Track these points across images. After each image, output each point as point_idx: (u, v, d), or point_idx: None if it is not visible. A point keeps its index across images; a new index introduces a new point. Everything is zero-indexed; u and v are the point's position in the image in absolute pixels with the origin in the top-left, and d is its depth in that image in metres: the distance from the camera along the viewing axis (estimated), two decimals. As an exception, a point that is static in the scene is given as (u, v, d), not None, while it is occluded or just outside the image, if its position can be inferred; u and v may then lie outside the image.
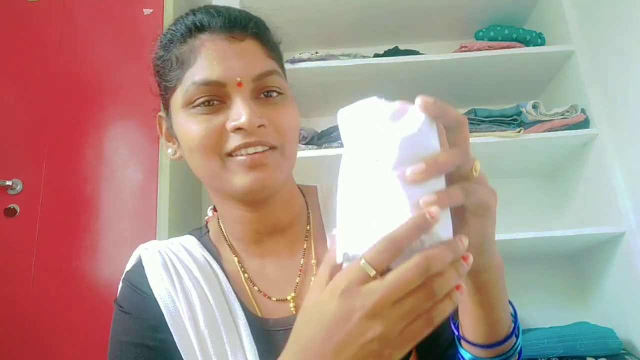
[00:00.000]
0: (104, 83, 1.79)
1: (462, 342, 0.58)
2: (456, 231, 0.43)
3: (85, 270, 1.58)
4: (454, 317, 0.60)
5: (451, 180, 0.45)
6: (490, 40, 1.91)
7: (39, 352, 1.49)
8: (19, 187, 1.64)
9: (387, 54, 1.90)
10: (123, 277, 0.69)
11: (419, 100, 0.43)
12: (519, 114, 1.76)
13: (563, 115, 1.74)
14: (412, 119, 0.43)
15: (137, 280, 0.66)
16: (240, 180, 0.60)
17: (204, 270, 0.66)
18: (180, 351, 0.60)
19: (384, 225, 0.41)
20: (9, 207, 1.62)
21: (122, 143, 1.72)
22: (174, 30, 0.65)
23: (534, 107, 1.76)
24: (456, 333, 0.59)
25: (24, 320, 1.51)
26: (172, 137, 0.68)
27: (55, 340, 1.50)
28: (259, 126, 0.59)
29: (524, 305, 1.84)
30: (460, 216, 0.46)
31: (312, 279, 0.67)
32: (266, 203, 0.65)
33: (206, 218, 0.78)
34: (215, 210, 0.80)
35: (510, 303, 0.58)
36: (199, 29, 0.62)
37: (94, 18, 1.86)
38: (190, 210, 1.92)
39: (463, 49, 1.85)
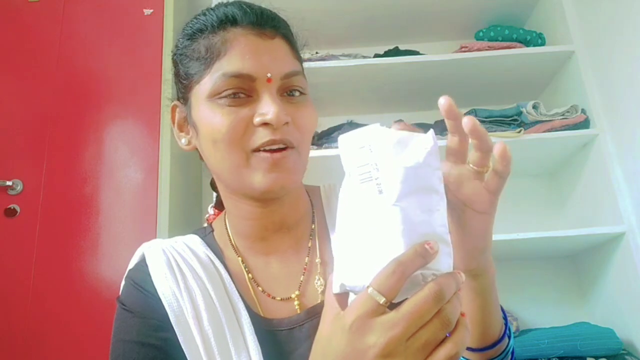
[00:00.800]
0: (103, 83, 1.79)
1: None
2: (458, 231, 0.43)
3: (85, 270, 1.58)
4: None
5: (463, 175, 0.48)
6: (490, 40, 1.91)
7: (39, 352, 1.49)
8: (19, 187, 1.64)
9: (387, 54, 1.91)
10: (126, 274, 0.69)
11: (442, 100, 0.45)
12: (519, 114, 1.76)
13: (563, 115, 1.74)
14: (417, 148, 0.42)
15: (141, 279, 0.66)
16: (261, 179, 0.60)
17: (207, 270, 0.66)
18: (184, 350, 0.60)
19: (382, 257, 0.40)
20: (9, 207, 1.62)
21: (122, 143, 1.73)
22: (204, 20, 0.64)
23: (534, 107, 1.76)
24: None
25: (24, 320, 1.52)
26: (186, 126, 0.68)
27: (55, 340, 1.50)
28: (284, 123, 0.60)
29: (524, 305, 1.84)
30: (462, 216, 0.47)
31: (317, 276, 0.67)
32: (276, 200, 0.65)
33: (206, 216, 0.78)
34: (216, 208, 0.79)
35: (502, 308, 0.59)
36: (231, 21, 0.63)
37: (94, 18, 1.86)
38: (190, 210, 1.92)
39: (463, 49, 1.85)
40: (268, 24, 0.64)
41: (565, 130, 1.72)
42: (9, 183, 1.63)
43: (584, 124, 1.73)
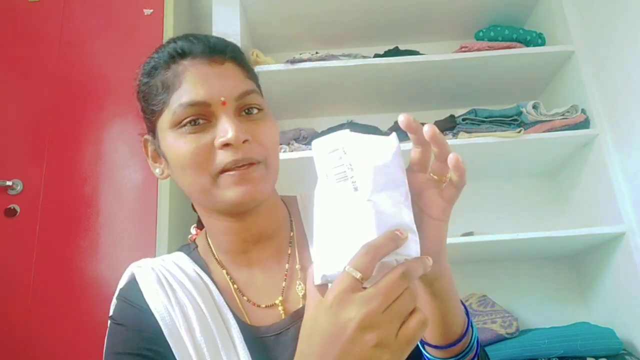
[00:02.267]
0: (103, 83, 1.79)
1: (424, 345, 0.62)
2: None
3: (85, 270, 1.58)
4: None
5: (423, 184, 0.53)
6: (490, 40, 1.91)
7: (39, 352, 1.49)
8: (19, 187, 1.64)
9: (387, 54, 1.90)
10: (116, 294, 0.71)
11: (402, 117, 0.49)
12: (519, 114, 1.76)
13: (563, 115, 1.74)
14: (384, 149, 0.48)
15: (133, 295, 0.68)
16: (231, 194, 0.63)
17: (196, 284, 0.69)
18: None
19: (359, 246, 0.45)
20: (9, 207, 1.62)
21: (121, 143, 1.73)
22: (157, 58, 0.69)
23: (534, 107, 1.76)
24: None
25: (24, 320, 1.52)
26: (158, 157, 0.72)
27: (55, 340, 1.50)
28: (244, 141, 0.63)
29: (524, 305, 1.84)
30: (418, 221, 0.51)
31: (298, 282, 0.70)
32: (251, 213, 0.68)
33: (189, 236, 0.80)
34: (198, 227, 0.82)
35: (462, 303, 0.62)
36: (181, 55, 0.66)
37: (94, 18, 1.86)
38: (190, 210, 1.91)
39: (463, 49, 1.85)
40: (216, 52, 0.67)
41: (565, 130, 1.72)
42: (9, 183, 1.63)
43: (584, 124, 1.73)
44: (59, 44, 1.81)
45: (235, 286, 0.71)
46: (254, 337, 0.66)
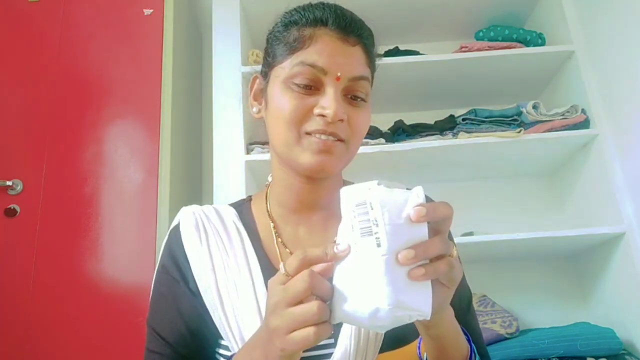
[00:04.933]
0: (103, 83, 1.79)
1: None
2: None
3: (86, 270, 1.58)
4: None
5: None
6: (490, 40, 1.91)
7: (39, 352, 1.49)
8: (19, 187, 1.64)
9: (387, 54, 1.91)
10: (168, 233, 0.83)
11: (416, 204, 0.49)
12: (519, 114, 1.76)
13: (563, 115, 1.74)
14: (408, 205, 0.49)
15: (174, 235, 0.80)
16: (307, 158, 0.69)
17: (228, 230, 0.77)
18: (198, 284, 0.72)
19: (370, 301, 0.48)
20: (9, 207, 1.62)
21: (122, 143, 1.72)
22: (301, 15, 0.73)
23: (534, 107, 1.76)
24: (422, 359, 0.67)
25: (24, 320, 1.52)
26: (260, 97, 0.78)
27: (55, 340, 1.50)
28: (339, 120, 0.68)
29: (524, 305, 1.84)
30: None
31: None
32: (317, 182, 0.75)
33: (266, 183, 0.86)
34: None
35: (464, 331, 0.65)
36: (323, 22, 0.71)
37: (94, 18, 1.86)
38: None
39: (463, 49, 1.86)
40: (354, 32, 0.72)
41: (565, 130, 1.72)
42: (9, 183, 1.63)
43: (584, 124, 1.73)
44: (59, 44, 1.81)
45: (279, 239, 0.76)
46: None
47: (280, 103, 0.70)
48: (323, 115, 0.67)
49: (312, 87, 0.69)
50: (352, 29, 0.72)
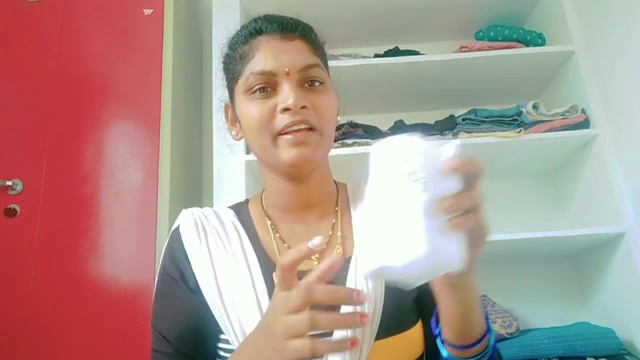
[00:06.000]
0: (103, 83, 1.79)
1: (443, 342, 0.66)
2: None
3: (85, 270, 1.58)
4: (437, 318, 0.67)
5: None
6: (490, 40, 1.92)
7: (39, 352, 1.49)
8: (19, 187, 1.64)
9: (387, 54, 1.91)
10: (170, 232, 0.86)
11: (449, 157, 0.49)
12: (519, 114, 1.76)
13: (563, 115, 1.74)
14: (443, 158, 0.49)
15: (175, 237, 0.82)
16: (286, 155, 0.72)
17: (226, 229, 0.79)
18: (197, 278, 0.74)
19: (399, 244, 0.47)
20: (9, 207, 1.62)
21: (122, 143, 1.72)
22: (239, 34, 0.80)
23: (534, 107, 1.76)
24: (435, 333, 0.67)
25: (24, 320, 1.52)
26: (235, 121, 0.83)
27: (56, 340, 1.50)
28: (302, 107, 0.71)
29: (524, 305, 1.84)
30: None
31: (337, 246, 0.78)
32: (304, 179, 0.78)
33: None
34: None
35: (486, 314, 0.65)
36: (258, 32, 0.77)
37: (94, 18, 1.86)
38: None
39: (463, 49, 1.85)
40: (288, 29, 0.77)
41: (565, 130, 1.72)
42: (9, 183, 1.63)
43: (584, 124, 1.73)
44: (59, 44, 1.81)
45: (277, 235, 0.80)
46: None
47: (247, 114, 0.74)
48: (287, 109, 0.71)
49: (270, 89, 0.74)
50: (286, 26, 0.77)
